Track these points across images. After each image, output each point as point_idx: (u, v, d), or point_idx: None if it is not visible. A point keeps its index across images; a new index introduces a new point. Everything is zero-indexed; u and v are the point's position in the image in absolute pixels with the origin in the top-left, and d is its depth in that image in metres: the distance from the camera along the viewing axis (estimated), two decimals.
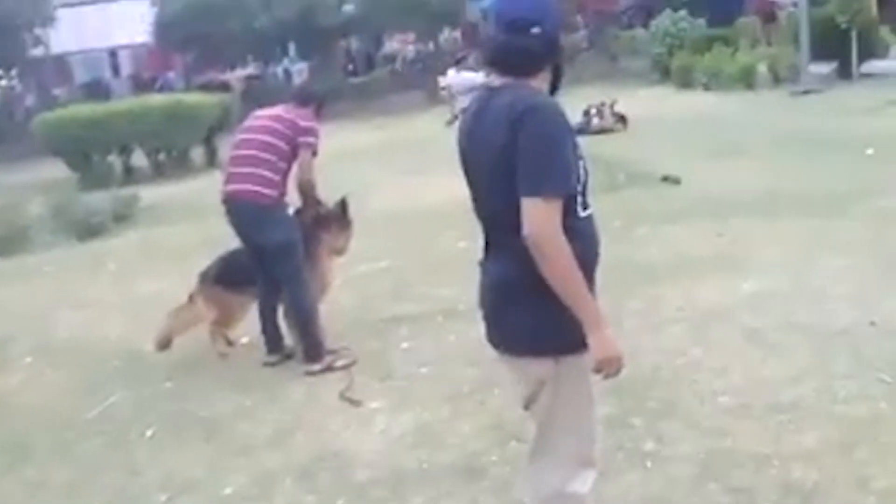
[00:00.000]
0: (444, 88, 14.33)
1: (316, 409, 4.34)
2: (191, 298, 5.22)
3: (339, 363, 4.82)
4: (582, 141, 2.38)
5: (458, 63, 13.60)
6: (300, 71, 33.23)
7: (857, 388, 3.83)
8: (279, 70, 33.82)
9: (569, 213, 2.24)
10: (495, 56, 2.35)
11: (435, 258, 6.89)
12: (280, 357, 5.04)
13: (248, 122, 4.99)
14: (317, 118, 4.98)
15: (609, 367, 2.28)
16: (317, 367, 4.80)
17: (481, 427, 3.87)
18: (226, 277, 5.11)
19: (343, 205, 5.18)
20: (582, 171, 2.31)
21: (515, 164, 2.19)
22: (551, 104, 2.27)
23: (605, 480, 2.97)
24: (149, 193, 11.86)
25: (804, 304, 4.93)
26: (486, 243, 2.44)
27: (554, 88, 2.39)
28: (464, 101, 11.93)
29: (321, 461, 3.75)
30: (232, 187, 4.79)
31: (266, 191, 4.69)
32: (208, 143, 16.06)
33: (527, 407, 2.44)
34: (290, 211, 4.92)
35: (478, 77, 11.85)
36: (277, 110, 4.92)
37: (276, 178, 4.73)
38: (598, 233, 2.41)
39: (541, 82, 2.35)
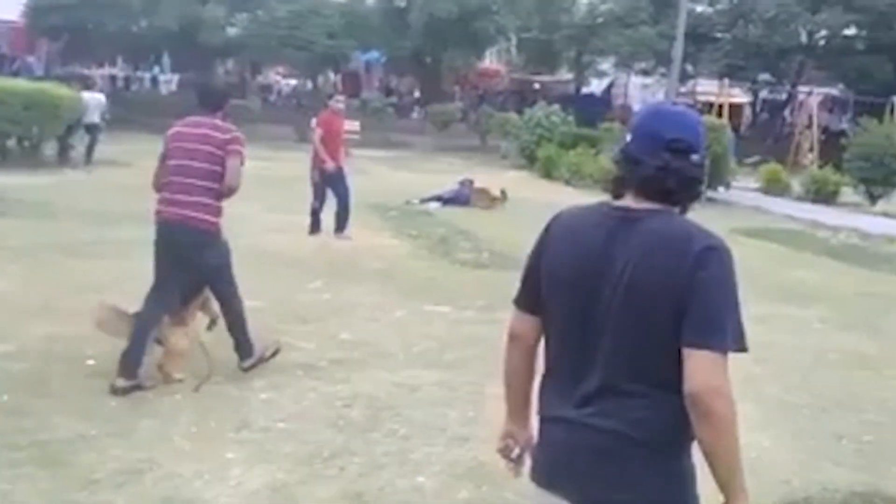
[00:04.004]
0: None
1: (167, 449, 4.17)
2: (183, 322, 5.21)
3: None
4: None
5: (328, 98, 13.16)
6: (168, 81, 32.40)
7: None
8: (146, 77, 32.87)
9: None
10: (651, 177, 2.00)
11: (298, 306, 6.82)
12: (133, 384, 4.83)
13: (179, 143, 4.95)
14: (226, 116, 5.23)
15: None
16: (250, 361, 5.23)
17: (338, 495, 3.84)
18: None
19: None
20: None
21: (683, 307, 1.90)
22: (726, 244, 1.98)
23: None
24: None
25: None
26: (586, 391, 2.01)
27: None
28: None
29: None
30: (175, 212, 4.90)
31: (211, 218, 4.95)
32: (63, 139, 15.33)
33: None
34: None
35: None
36: (203, 128, 5.00)
37: (218, 204, 4.99)
38: None
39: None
